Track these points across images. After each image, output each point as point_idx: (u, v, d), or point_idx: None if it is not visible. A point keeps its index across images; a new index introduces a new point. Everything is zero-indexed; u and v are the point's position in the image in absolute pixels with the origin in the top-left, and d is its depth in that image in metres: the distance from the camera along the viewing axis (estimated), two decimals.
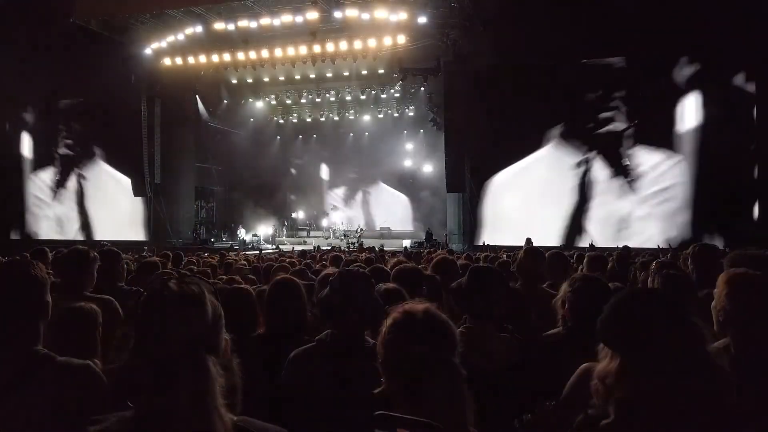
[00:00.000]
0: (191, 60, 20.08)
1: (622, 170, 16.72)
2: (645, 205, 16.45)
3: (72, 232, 22.69)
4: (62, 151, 23.03)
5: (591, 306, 1.85)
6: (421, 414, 1.24)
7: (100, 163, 22.56)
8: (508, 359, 2.24)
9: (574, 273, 3.15)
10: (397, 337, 1.39)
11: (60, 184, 23.12)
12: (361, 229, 24.29)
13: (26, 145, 23.36)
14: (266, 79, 22.27)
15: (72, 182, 22.99)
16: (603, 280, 2.54)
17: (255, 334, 2.59)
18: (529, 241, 12.27)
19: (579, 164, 17.29)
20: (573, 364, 1.87)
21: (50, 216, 23.24)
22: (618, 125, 16.81)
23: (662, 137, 16.19)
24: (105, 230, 21.85)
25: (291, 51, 19.14)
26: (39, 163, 23.29)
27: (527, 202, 17.52)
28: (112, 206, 22.20)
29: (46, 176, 23.28)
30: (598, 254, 4.93)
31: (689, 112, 16.00)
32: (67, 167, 22.96)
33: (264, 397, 1.88)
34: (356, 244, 19.36)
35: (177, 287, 1.12)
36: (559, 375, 1.95)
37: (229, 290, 2.88)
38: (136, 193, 21.26)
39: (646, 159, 16.53)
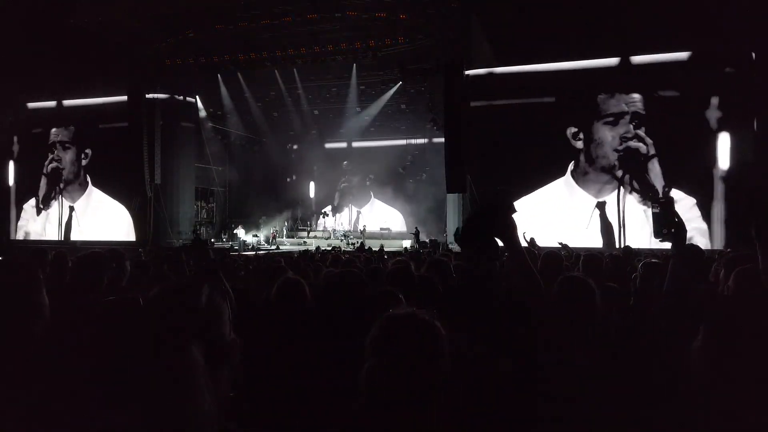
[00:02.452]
0: (192, 60, 20.10)
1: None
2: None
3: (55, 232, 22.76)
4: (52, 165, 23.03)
5: None
6: (405, 418, 1.25)
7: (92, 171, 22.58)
8: None
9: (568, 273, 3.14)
10: (380, 344, 1.39)
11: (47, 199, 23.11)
12: (364, 228, 24.39)
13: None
14: (266, 79, 22.25)
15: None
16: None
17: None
18: (532, 241, 12.12)
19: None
20: None
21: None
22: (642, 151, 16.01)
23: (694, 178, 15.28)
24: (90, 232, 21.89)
25: (291, 51, 19.15)
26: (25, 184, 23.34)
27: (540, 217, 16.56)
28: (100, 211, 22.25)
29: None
30: (594, 254, 4.86)
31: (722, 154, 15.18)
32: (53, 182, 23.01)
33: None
34: (356, 245, 19.38)
35: None
36: None
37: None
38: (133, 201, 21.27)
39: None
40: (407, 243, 20.94)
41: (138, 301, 1.64)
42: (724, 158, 15.23)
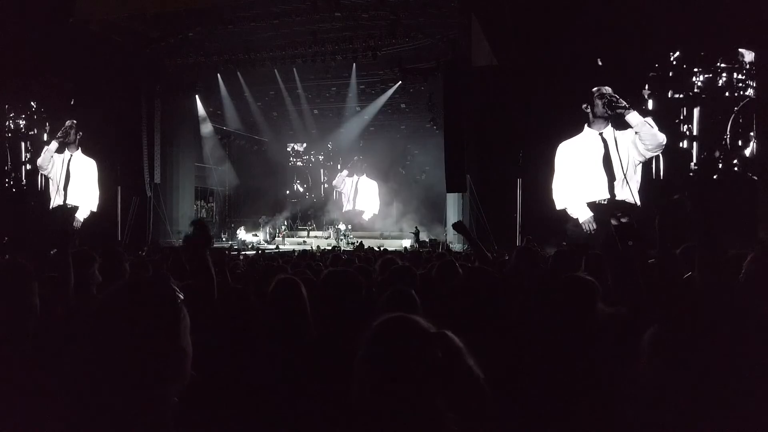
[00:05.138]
0: (191, 60, 20.08)
1: None
2: None
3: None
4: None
5: None
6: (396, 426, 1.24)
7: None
8: None
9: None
10: (370, 350, 1.36)
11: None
12: (347, 227, 24.48)
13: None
14: (265, 78, 22.23)
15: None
16: None
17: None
18: (529, 240, 12.11)
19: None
20: None
21: None
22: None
23: None
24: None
25: (291, 51, 19.14)
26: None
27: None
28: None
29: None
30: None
31: None
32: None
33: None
34: (356, 244, 19.38)
35: None
36: None
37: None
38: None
39: None
40: (407, 243, 20.92)
41: None
42: None
